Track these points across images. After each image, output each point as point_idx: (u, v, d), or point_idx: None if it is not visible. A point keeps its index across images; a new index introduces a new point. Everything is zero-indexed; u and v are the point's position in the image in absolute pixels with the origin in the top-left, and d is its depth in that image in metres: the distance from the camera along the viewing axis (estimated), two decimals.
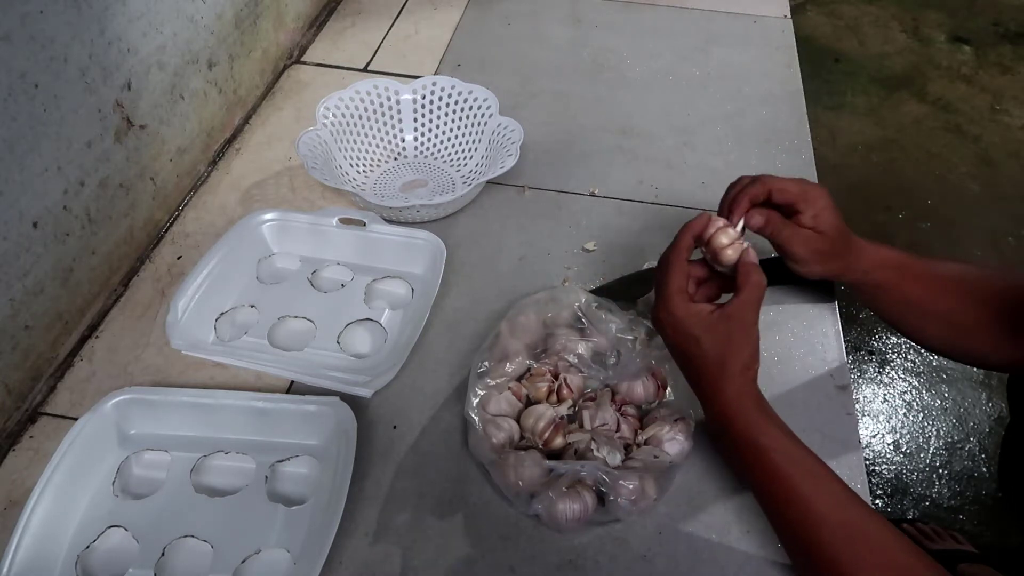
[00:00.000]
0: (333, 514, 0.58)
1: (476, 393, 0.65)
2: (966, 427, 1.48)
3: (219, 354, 0.73)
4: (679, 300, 0.59)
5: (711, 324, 0.58)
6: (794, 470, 0.55)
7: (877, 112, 2.20)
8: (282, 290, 0.79)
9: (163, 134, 0.84)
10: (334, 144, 0.91)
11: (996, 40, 2.48)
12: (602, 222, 0.89)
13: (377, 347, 0.75)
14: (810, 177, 0.95)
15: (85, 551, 0.59)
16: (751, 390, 0.59)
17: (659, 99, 1.07)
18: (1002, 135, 2.13)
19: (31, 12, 0.63)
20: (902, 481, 1.40)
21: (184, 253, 0.84)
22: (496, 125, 0.92)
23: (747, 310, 0.58)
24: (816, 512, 0.53)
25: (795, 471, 0.55)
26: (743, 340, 0.58)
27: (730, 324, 0.58)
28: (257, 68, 1.03)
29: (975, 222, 1.88)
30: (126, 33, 0.75)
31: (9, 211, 0.64)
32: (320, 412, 0.66)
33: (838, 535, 0.52)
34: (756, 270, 0.60)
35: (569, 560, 0.61)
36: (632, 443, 0.65)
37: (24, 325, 0.68)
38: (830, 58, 2.38)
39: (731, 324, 0.58)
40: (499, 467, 0.61)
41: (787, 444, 0.56)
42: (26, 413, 0.70)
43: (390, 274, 0.81)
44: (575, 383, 0.67)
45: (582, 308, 0.72)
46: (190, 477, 0.64)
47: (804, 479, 0.54)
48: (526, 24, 1.20)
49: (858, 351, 1.60)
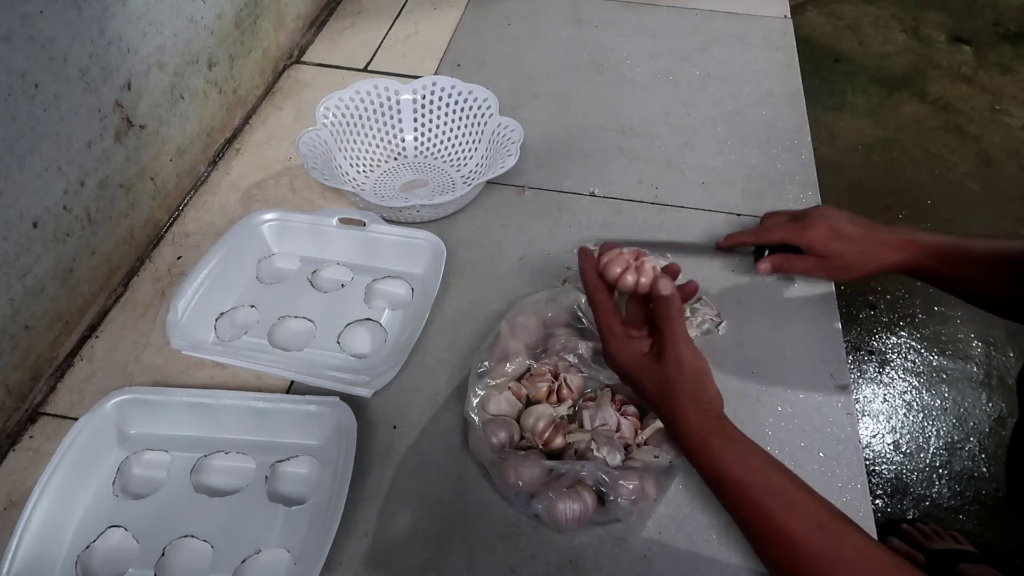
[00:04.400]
0: (333, 514, 0.58)
1: (476, 393, 0.65)
2: (966, 427, 1.48)
3: (219, 354, 0.73)
4: (613, 343, 0.57)
5: (647, 368, 0.56)
6: (767, 500, 0.52)
7: (877, 112, 2.20)
8: (282, 290, 0.79)
9: (163, 134, 0.84)
10: (334, 144, 0.91)
11: (996, 40, 2.48)
12: (602, 222, 0.89)
13: (377, 347, 0.75)
14: (810, 177, 0.95)
15: (85, 551, 0.59)
16: (708, 421, 0.55)
17: (659, 99, 1.07)
18: (1002, 135, 2.13)
19: (31, 12, 0.63)
20: (902, 481, 1.40)
21: (184, 253, 0.84)
22: (496, 125, 0.92)
23: (669, 346, 0.55)
24: (792, 539, 0.51)
25: (768, 500, 0.52)
26: (677, 378, 0.55)
27: (664, 367, 0.55)
28: (257, 68, 1.03)
29: (975, 222, 1.88)
30: (126, 33, 0.75)
31: (9, 211, 0.64)
32: (320, 412, 0.66)
33: (818, 561, 0.50)
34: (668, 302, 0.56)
35: (569, 560, 0.61)
36: (632, 443, 0.65)
37: (24, 325, 0.68)
38: (830, 58, 2.38)
39: (664, 367, 0.55)
40: (499, 467, 0.61)
41: (756, 474, 0.53)
42: (26, 413, 0.70)
43: (390, 274, 0.81)
44: (575, 383, 0.67)
45: (582, 308, 0.72)
46: (190, 477, 0.64)
47: (777, 507, 0.52)
48: (526, 24, 1.20)
49: (858, 351, 1.60)
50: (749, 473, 0.53)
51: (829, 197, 0.93)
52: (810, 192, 0.93)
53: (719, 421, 0.55)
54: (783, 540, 0.51)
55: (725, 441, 0.54)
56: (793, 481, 0.53)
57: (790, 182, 0.95)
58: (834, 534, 0.51)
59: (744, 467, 0.53)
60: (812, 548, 0.50)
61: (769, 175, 0.95)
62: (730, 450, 0.54)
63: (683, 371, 0.55)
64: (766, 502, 0.52)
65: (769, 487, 0.53)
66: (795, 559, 0.51)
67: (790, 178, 0.95)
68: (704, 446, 0.54)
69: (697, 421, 0.54)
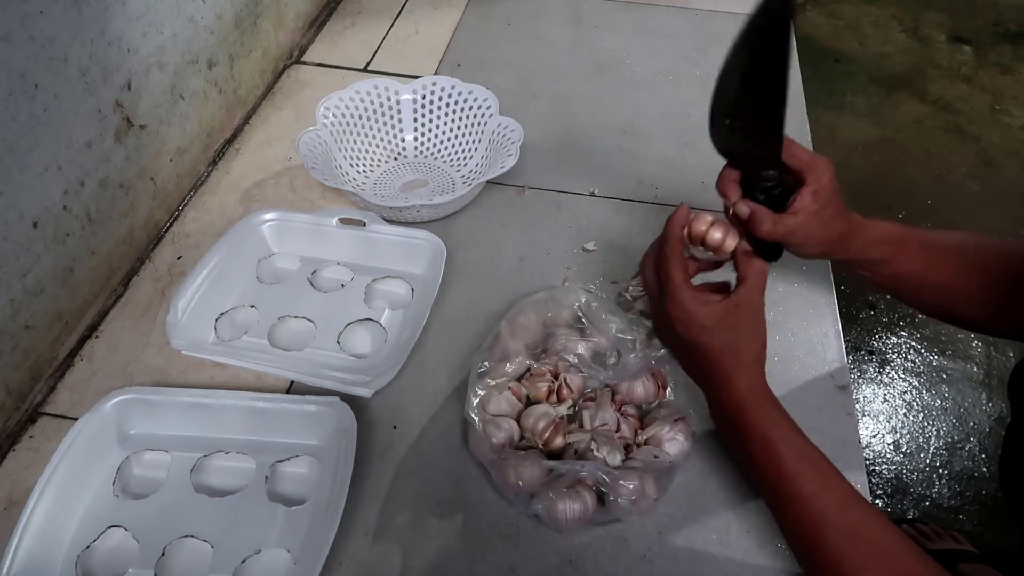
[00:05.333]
0: (333, 514, 0.58)
1: (476, 393, 0.65)
2: (966, 427, 1.48)
3: (219, 354, 0.73)
4: (687, 292, 0.58)
5: (722, 315, 0.57)
6: (801, 466, 0.54)
7: (877, 112, 2.20)
8: (282, 290, 0.79)
9: (163, 134, 0.84)
10: (334, 144, 0.91)
11: (996, 40, 2.48)
12: (602, 222, 0.89)
13: (377, 347, 0.75)
14: None
15: (85, 551, 0.59)
16: (762, 382, 0.58)
17: (659, 99, 1.07)
18: (1002, 135, 2.13)
19: (31, 12, 0.63)
20: (902, 481, 1.40)
21: (184, 253, 0.84)
22: (496, 125, 0.92)
23: (754, 297, 0.58)
24: (820, 512, 0.53)
25: (802, 467, 0.54)
26: (754, 329, 0.58)
27: (740, 314, 0.57)
28: (257, 68, 1.03)
29: (975, 222, 1.88)
30: (126, 33, 0.75)
31: (9, 211, 0.64)
32: (320, 412, 0.66)
33: (842, 536, 0.52)
34: (755, 257, 0.59)
35: (569, 560, 0.61)
36: (632, 443, 0.65)
37: (24, 325, 0.68)
38: (830, 58, 2.38)
39: (741, 314, 0.57)
40: (499, 467, 0.61)
41: (796, 440, 0.56)
42: (26, 413, 0.70)
43: (390, 274, 0.81)
44: (575, 383, 0.67)
45: (582, 308, 0.72)
46: (190, 477, 0.64)
47: (811, 477, 0.54)
48: (526, 24, 1.20)
49: (858, 351, 1.60)
50: (790, 438, 0.56)
51: None
52: None
53: (767, 385, 0.58)
54: (813, 510, 0.53)
55: (772, 404, 0.57)
56: (825, 457, 0.56)
57: None
58: (861, 513, 0.53)
59: (786, 432, 0.56)
60: (838, 522, 0.52)
61: None
62: (776, 413, 0.57)
63: (761, 325, 0.58)
64: (800, 469, 0.54)
65: (805, 455, 0.55)
66: (821, 530, 0.52)
67: None
68: (755, 403, 0.57)
69: (753, 375, 0.58)
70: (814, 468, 0.55)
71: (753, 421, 0.57)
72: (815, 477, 0.54)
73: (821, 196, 0.60)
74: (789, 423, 0.57)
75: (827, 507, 0.53)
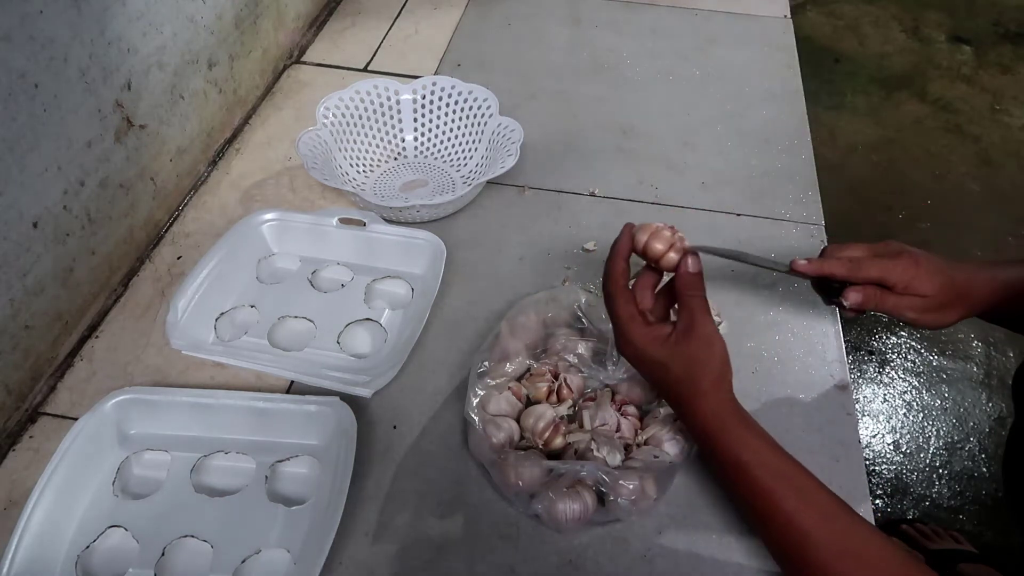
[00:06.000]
0: (333, 514, 0.58)
1: (476, 393, 0.65)
2: (966, 427, 1.48)
3: (219, 354, 0.73)
4: (634, 328, 0.58)
5: (672, 345, 0.56)
6: (777, 484, 0.53)
7: (877, 112, 2.20)
8: (282, 290, 0.79)
9: (163, 134, 0.84)
10: (334, 144, 0.91)
11: (996, 40, 2.48)
12: (602, 222, 0.89)
13: (377, 347, 0.75)
14: (810, 177, 0.95)
15: (85, 551, 0.59)
16: (728, 404, 0.57)
17: (659, 99, 1.07)
18: (1002, 135, 2.13)
19: (31, 12, 0.63)
20: (902, 481, 1.40)
21: (184, 253, 0.84)
22: (496, 125, 0.92)
23: (698, 320, 0.56)
24: (800, 529, 0.51)
25: (778, 485, 0.53)
26: (707, 354, 0.56)
27: (689, 342, 0.56)
28: (257, 68, 1.03)
29: (975, 222, 1.88)
30: (126, 33, 0.75)
31: (9, 211, 0.64)
32: (320, 412, 0.66)
33: (826, 551, 0.50)
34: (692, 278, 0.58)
35: (569, 560, 0.61)
36: (632, 443, 0.65)
37: (24, 325, 0.68)
38: (830, 58, 2.38)
39: (690, 342, 0.56)
40: (499, 467, 0.61)
41: (770, 458, 0.54)
42: (26, 413, 0.70)
43: (390, 274, 0.81)
44: (575, 383, 0.67)
45: (582, 308, 0.72)
46: (190, 477, 0.64)
47: (787, 494, 0.53)
48: (526, 24, 1.20)
49: (858, 351, 1.60)
50: (762, 458, 0.54)
51: (829, 197, 0.93)
52: (810, 192, 0.93)
53: (735, 404, 0.57)
54: (793, 527, 0.52)
55: (741, 425, 0.56)
56: (803, 471, 0.54)
57: (790, 182, 0.94)
58: (843, 524, 0.52)
59: (757, 452, 0.55)
60: (821, 537, 0.51)
61: (769, 175, 0.95)
62: (746, 434, 0.55)
63: (713, 348, 0.56)
64: (777, 488, 0.53)
65: (781, 473, 0.54)
66: (803, 547, 0.51)
67: (790, 178, 0.95)
68: (722, 427, 0.55)
69: (719, 402, 0.56)
70: (790, 485, 0.53)
71: (721, 447, 0.55)
72: (791, 494, 0.53)
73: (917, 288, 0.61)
74: (760, 441, 0.55)
75: (808, 523, 0.51)
